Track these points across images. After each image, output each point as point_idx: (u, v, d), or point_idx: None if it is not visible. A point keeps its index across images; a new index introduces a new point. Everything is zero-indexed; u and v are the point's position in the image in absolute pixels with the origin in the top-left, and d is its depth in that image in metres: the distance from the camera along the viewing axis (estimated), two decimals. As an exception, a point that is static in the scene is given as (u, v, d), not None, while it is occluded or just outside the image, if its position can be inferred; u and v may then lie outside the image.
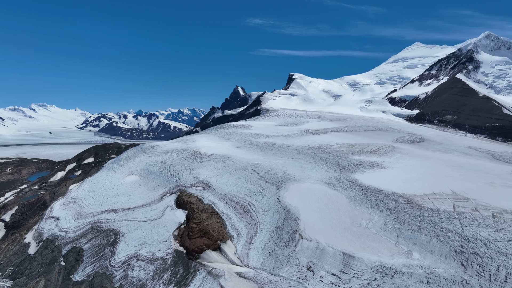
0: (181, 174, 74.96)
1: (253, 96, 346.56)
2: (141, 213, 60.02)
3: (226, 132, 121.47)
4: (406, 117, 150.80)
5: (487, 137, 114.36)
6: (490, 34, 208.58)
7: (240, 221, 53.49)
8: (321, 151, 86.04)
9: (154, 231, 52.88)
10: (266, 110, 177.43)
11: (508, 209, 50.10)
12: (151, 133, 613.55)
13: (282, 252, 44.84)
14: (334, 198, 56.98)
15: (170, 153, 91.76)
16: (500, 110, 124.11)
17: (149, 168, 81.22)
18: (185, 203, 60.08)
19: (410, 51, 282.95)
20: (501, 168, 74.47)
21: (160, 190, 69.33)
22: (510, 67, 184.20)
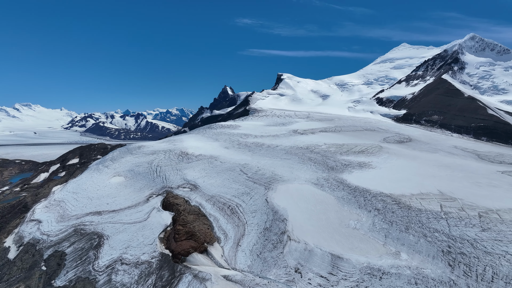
0: (168, 175, 73.75)
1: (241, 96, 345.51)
2: (127, 215, 58.70)
3: (214, 132, 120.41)
4: (394, 117, 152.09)
5: (472, 137, 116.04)
6: (474, 35, 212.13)
7: (228, 222, 52.70)
8: (310, 151, 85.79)
9: (140, 234, 51.70)
10: (255, 110, 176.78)
11: (493, 208, 50.50)
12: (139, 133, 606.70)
13: (270, 254, 44.23)
14: (323, 198, 56.64)
15: (157, 153, 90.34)
16: (484, 110, 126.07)
17: (135, 169, 79.74)
18: (172, 205, 58.99)
19: (397, 52, 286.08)
20: (486, 167, 75.36)
21: (146, 191, 68.04)
22: (494, 68, 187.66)
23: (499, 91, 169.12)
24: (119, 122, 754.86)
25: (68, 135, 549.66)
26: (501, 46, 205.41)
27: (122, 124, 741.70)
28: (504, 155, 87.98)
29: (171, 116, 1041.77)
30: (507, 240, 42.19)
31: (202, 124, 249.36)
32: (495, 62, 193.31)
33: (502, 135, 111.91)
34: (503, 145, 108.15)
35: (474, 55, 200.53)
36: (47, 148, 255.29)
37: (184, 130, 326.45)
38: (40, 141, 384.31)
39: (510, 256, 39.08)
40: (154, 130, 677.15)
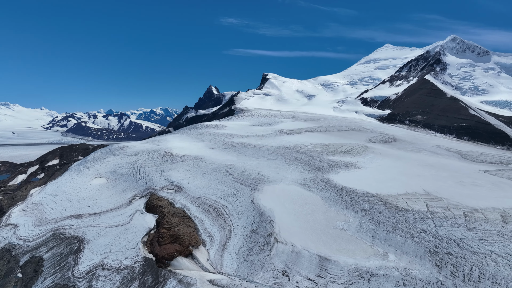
0: (152, 176, 71.98)
1: (227, 96, 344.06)
2: (108, 218, 56.79)
3: (199, 132, 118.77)
4: (378, 117, 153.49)
5: (455, 136, 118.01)
6: (455, 37, 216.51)
7: (213, 225, 51.52)
8: (296, 152, 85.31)
9: (122, 238, 49.97)
10: (240, 110, 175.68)
11: (478, 207, 50.92)
12: (122, 133, 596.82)
13: (257, 256, 43.29)
14: (309, 199, 56.07)
15: (141, 154, 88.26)
16: (466, 110, 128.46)
17: (118, 170, 77.59)
18: (155, 207, 57.40)
19: (380, 52, 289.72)
20: (469, 167, 76.41)
21: (129, 193, 66.15)
22: (474, 69, 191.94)
23: (479, 92, 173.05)
24: (101, 122, 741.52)
25: (49, 135, 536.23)
26: (481, 47, 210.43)
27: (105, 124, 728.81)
28: (485, 155, 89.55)
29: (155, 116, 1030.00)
30: (492, 239, 42.45)
31: (187, 124, 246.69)
32: (475, 63, 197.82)
33: (483, 135, 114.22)
34: (484, 144, 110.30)
35: (455, 56, 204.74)
36: (26, 148, 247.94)
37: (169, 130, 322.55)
38: (19, 142, 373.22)
39: (496, 256, 39.27)
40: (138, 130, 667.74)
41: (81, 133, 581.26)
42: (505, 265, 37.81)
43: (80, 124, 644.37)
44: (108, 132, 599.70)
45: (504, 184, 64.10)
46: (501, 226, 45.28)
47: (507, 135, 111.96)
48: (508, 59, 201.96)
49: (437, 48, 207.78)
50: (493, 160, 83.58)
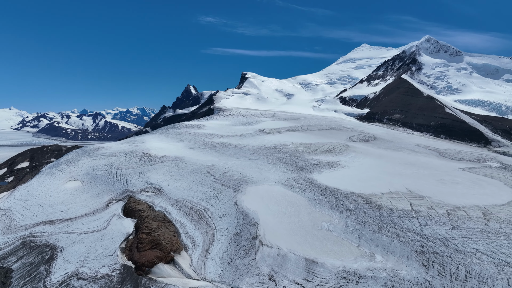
0: (129, 179, 69.12)
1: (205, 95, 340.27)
2: (83, 223, 53.81)
3: (178, 132, 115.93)
4: (357, 116, 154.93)
5: (432, 135, 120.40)
6: (430, 38, 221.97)
7: (196, 228, 49.62)
8: (278, 151, 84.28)
9: (98, 244, 47.29)
10: (220, 109, 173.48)
11: (460, 205, 51.31)
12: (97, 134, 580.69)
13: (242, 261, 41.79)
14: (294, 200, 55.04)
15: (117, 155, 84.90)
16: (442, 109, 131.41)
17: (93, 173, 74.17)
18: (134, 211, 54.87)
19: (358, 52, 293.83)
20: (448, 165, 77.56)
21: (106, 196, 63.17)
22: (448, 69, 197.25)
23: (453, 91, 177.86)
24: (75, 122, 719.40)
25: (19, 136, 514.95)
26: (454, 48, 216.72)
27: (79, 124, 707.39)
28: (462, 152, 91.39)
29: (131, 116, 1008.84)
30: (476, 237, 42.66)
31: (165, 124, 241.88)
32: (449, 64, 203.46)
33: (459, 133, 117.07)
34: (460, 142, 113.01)
35: (430, 57, 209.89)
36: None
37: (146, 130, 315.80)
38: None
39: (481, 254, 39.38)
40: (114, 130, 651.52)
41: (54, 133, 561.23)
42: (490, 263, 37.93)
43: (53, 125, 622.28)
44: (83, 133, 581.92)
45: (482, 181, 65.22)
46: (484, 224, 45.65)
47: (481, 133, 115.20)
48: (479, 60, 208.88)
49: (412, 48, 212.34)
50: (470, 158, 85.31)
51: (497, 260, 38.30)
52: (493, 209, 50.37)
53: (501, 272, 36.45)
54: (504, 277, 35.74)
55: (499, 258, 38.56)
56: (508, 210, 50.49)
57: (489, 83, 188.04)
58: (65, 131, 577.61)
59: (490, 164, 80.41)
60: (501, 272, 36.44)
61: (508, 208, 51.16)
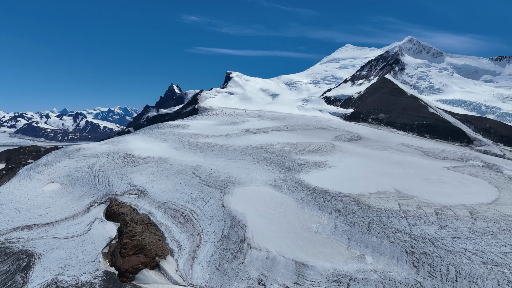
0: (112, 181, 66.86)
1: (189, 95, 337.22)
2: (63, 228, 51.52)
3: (162, 132, 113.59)
4: (342, 116, 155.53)
5: (416, 134, 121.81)
6: (412, 38, 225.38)
7: (181, 232, 48.10)
8: (264, 151, 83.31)
9: (79, 250, 45.23)
10: (204, 109, 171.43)
11: (447, 205, 51.46)
12: (78, 134, 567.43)
13: (230, 265, 40.57)
14: (282, 201, 54.12)
15: (99, 156, 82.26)
16: (426, 109, 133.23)
17: (74, 175, 71.50)
18: (117, 214, 52.93)
19: (342, 52, 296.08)
20: (433, 164, 78.20)
21: (87, 199, 60.85)
22: (430, 69, 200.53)
23: (435, 91, 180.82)
24: (55, 122, 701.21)
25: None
26: (435, 49, 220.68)
27: (59, 124, 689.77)
28: (446, 151, 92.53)
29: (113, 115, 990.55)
30: (465, 237, 42.66)
31: (148, 124, 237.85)
32: (431, 64, 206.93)
33: (443, 132, 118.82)
34: (444, 141, 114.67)
35: (412, 57, 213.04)
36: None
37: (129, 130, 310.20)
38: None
39: (470, 254, 39.31)
40: (95, 131, 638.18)
41: (32, 134, 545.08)
42: (480, 263, 37.87)
43: (31, 125, 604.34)
44: (63, 133, 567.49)
45: (467, 180, 65.89)
46: (471, 223, 45.78)
47: (464, 132, 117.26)
48: (459, 60, 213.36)
49: (395, 49, 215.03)
50: (454, 157, 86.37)
51: (486, 259, 38.29)
52: (479, 208, 50.71)
53: (490, 272, 36.39)
54: (493, 277, 35.67)
55: (488, 257, 38.56)
56: (494, 209, 50.93)
57: (469, 84, 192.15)
58: (45, 131, 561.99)
59: (473, 163, 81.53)
60: (491, 272, 36.38)
61: (494, 207, 51.63)
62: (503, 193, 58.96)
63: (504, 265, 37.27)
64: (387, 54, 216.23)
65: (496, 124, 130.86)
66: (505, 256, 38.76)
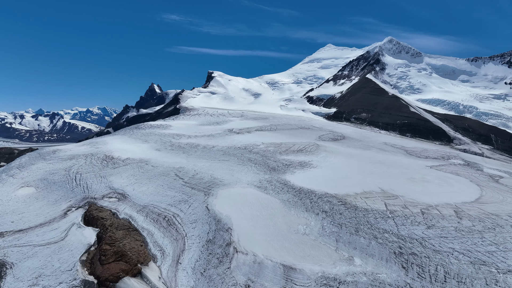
0: (90, 184, 64.14)
1: (170, 94, 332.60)
2: (38, 235, 48.73)
3: (142, 132, 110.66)
4: (325, 115, 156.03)
5: (398, 133, 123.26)
6: (392, 39, 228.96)
7: (164, 236, 46.28)
8: (248, 152, 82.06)
9: (55, 258, 42.76)
10: (186, 109, 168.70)
11: (432, 204, 51.58)
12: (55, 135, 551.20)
13: (216, 270, 39.13)
14: (268, 202, 52.98)
15: (76, 158, 79.03)
16: (407, 108, 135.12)
17: (49, 178, 68.27)
18: (96, 219, 50.53)
19: (323, 52, 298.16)
20: (416, 163, 78.90)
21: (63, 204, 58.02)
22: (409, 69, 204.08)
23: (414, 91, 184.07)
24: (30, 123, 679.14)
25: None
26: (414, 49, 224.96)
27: (34, 125, 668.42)
28: (428, 150, 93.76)
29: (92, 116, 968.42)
30: (451, 236, 42.65)
31: (128, 124, 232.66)
32: (410, 64, 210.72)
33: (423, 131, 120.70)
34: (425, 140, 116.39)
35: (392, 57, 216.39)
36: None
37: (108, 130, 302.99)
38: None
39: (457, 253, 39.22)
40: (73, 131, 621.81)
41: (6, 135, 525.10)
42: (467, 263, 37.79)
43: (4, 125, 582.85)
44: (39, 134, 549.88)
45: (450, 179, 66.61)
46: (457, 222, 45.89)
47: (444, 131, 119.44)
48: (437, 61, 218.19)
49: (376, 49, 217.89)
50: (435, 156, 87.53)
51: (473, 259, 38.26)
52: (463, 207, 51.03)
53: (478, 272, 36.32)
54: (481, 277, 35.60)
55: (475, 257, 38.55)
56: (477, 207, 51.37)
57: (447, 83, 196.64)
58: (19, 132, 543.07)
59: (454, 161, 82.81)
60: (478, 271, 36.31)
61: (477, 205, 52.10)
62: (485, 191, 59.78)
63: (491, 264, 37.32)
64: (368, 54, 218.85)
65: (474, 123, 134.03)
66: (492, 255, 38.87)
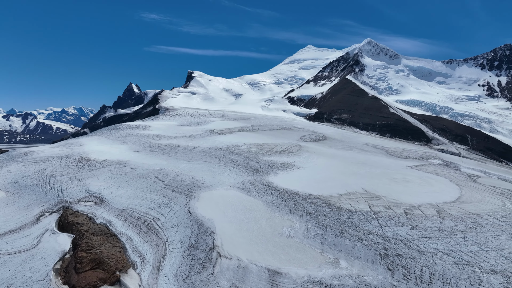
0: (65, 187, 61.30)
1: (149, 94, 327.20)
2: (7, 242, 45.87)
3: (120, 133, 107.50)
4: (306, 116, 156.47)
5: (378, 134, 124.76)
6: (371, 40, 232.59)
7: (144, 242, 44.45)
8: (230, 153, 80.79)
9: (26, 267, 40.25)
10: (166, 109, 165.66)
11: (415, 204, 51.82)
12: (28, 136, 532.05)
13: (199, 276, 37.72)
14: (251, 205, 51.93)
15: (50, 160, 75.64)
16: (387, 109, 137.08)
17: (21, 181, 64.89)
18: (71, 224, 48.08)
19: (303, 53, 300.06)
20: (397, 163, 79.70)
21: (36, 209, 55.09)
22: (388, 71, 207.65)
23: (393, 92, 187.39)
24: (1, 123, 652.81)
25: None
26: (392, 51, 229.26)
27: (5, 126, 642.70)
28: (407, 151, 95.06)
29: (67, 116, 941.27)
30: (435, 236, 42.78)
31: (106, 125, 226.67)
32: (388, 66, 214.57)
33: (403, 132, 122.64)
34: (404, 141, 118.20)
35: (371, 59, 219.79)
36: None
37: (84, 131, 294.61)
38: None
39: (442, 254, 39.29)
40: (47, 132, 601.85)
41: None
42: (452, 263, 37.87)
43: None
44: (10, 135, 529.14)
45: (430, 178, 67.45)
46: (440, 222, 46.17)
47: (423, 132, 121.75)
48: (414, 63, 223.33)
49: (355, 50, 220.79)
50: (415, 156, 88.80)
51: (457, 259, 38.40)
52: (445, 207, 51.50)
53: (462, 272, 36.41)
54: (466, 277, 35.68)
55: (458, 257, 38.70)
56: (458, 207, 51.96)
57: (424, 85, 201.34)
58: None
59: (433, 161, 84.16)
60: (463, 272, 36.40)
61: (458, 205, 52.72)
62: (464, 190, 60.74)
63: (475, 264, 37.52)
64: (348, 55, 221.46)
65: (451, 124, 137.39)
66: (475, 255, 39.14)
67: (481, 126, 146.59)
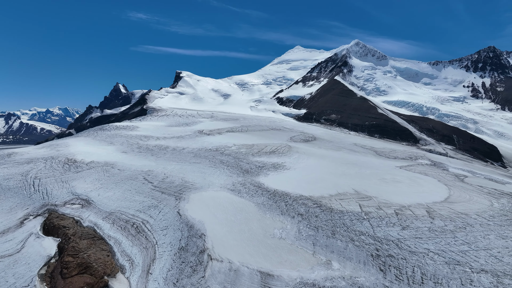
0: (50, 189, 59.70)
1: (136, 95, 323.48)
2: (-10, 247, 44.37)
3: (108, 134, 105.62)
4: (295, 116, 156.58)
5: (367, 134, 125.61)
6: (359, 42, 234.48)
7: (133, 245, 43.47)
8: (220, 154, 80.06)
9: (9, 273, 38.88)
10: (153, 110, 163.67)
11: (405, 204, 52.07)
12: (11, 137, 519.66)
13: (190, 280, 36.98)
14: (242, 206, 51.38)
15: (35, 162, 73.70)
16: (375, 109, 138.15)
17: (3, 184, 62.94)
18: (57, 228, 46.77)
19: (292, 54, 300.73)
20: (386, 163, 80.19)
21: (20, 212, 53.46)
22: (375, 72, 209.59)
23: (380, 92, 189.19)
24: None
25: None
26: (380, 52, 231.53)
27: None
28: (396, 151, 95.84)
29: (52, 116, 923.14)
30: (426, 237, 42.98)
31: (92, 125, 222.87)
32: (376, 67, 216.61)
33: (391, 132, 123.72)
34: (392, 141, 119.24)
35: (359, 60, 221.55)
36: None
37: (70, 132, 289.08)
38: None
39: (433, 254, 39.45)
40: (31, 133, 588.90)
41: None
42: (443, 263, 38.03)
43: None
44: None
45: (419, 179, 68.03)
46: (430, 222, 46.46)
47: (411, 132, 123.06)
48: (401, 64, 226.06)
49: (343, 51, 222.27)
50: (404, 156, 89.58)
51: (448, 259, 38.60)
52: (434, 207, 51.91)
53: (453, 272, 36.59)
54: (457, 277, 35.86)
55: (449, 257, 38.91)
56: (448, 207, 52.42)
57: (410, 86, 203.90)
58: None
59: (421, 161, 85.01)
60: (454, 272, 36.59)
61: (447, 205, 53.18)
62: (453, 190, 61.40)
63: (465, 263, 37.76)
64: (336, 56, 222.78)
65: (438, 124, 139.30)
66: (465, 254, 39.41)
67: (467, 126, 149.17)
